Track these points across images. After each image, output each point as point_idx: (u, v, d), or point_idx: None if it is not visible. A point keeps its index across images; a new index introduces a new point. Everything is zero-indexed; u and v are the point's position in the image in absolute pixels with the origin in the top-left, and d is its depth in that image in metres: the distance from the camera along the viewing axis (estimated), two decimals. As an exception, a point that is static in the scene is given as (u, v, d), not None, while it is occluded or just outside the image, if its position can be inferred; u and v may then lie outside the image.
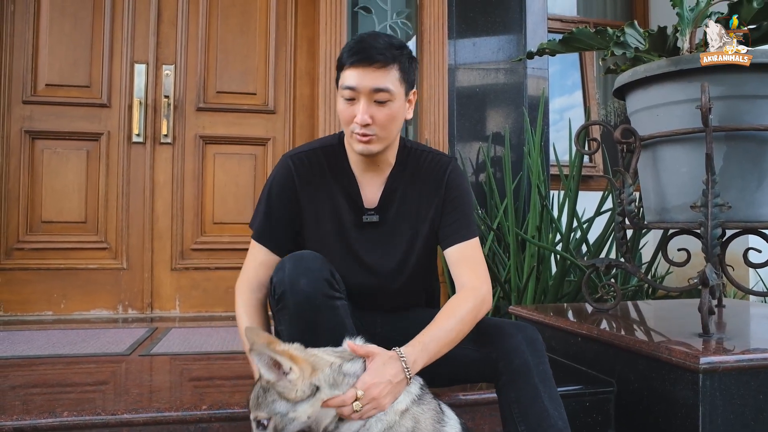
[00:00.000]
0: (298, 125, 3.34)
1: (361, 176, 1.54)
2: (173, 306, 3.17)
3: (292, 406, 1.13)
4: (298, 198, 1.52)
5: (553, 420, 1.28)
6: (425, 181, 1.55)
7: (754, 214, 1.86)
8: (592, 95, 4.70)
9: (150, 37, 3.17)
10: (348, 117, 1.43)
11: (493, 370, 1.34)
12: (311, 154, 1.55)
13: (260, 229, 1.53)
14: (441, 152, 1.64)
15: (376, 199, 1.54)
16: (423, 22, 3.36)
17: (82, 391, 1.67)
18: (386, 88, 1.41)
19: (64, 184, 3.07)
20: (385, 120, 1.42)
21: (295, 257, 1.38)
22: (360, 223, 1.53)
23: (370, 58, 1.38)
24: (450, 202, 1.54)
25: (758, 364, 1.51)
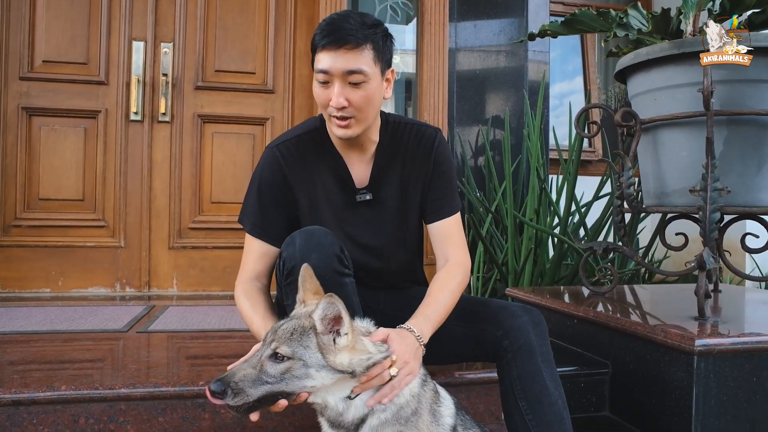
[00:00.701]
0: (297, 105, 3.32)
1: (348, 156, 1.53)
2: (171, 284, 3.18)
3: (319, 365, 1.08)
4: (290, 186, 1.51)
5: (554, 398, 1.30)
6: (413, 155, 1.55)
7: (753, 199, 1.86)
8: (593, 80, 4.69)
9: (148, 15, 3.13)
10: (324, 100, 1.42)
11: (497, 348, 1.36)
12: (296, 141, 1.53)
13: (255, 223, 1.52)
14: (425, 123, 1.63)
15: (366, 177, 1.54)
16: (424, 3, 3.32)
17: (80, 366, 1.68)
18: (359, 70, 1.37)
19: (61, 162, 3.06)
20: (360, 102, 1.40)
21: (306, 232, 1.36)
22: (353, 203, 1.53)
23: (341, 39, 1.35)
24: (438, 176, 1.54)
25: (752, 347, 1.52)
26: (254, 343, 1.95)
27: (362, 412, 1.16)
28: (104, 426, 1.44)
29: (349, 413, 1.15)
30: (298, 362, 1.07)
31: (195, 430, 1.49)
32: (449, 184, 1.56)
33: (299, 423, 1.56)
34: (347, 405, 1.15)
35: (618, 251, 2.20)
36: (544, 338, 1.36)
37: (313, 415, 1.26)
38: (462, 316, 1.43)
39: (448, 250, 1.51)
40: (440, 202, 1.53)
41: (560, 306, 2.10)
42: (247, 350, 1.85)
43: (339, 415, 1.16)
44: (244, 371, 1.08)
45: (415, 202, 1.56)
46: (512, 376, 1.32)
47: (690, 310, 1.81)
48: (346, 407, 1.15)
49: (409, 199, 1.55)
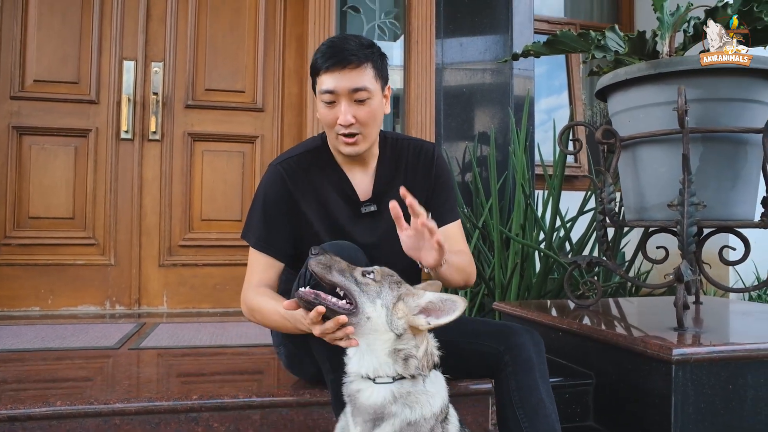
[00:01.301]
0: (287, 123, 3.38)
1: (350, 171, 1.60)
2: (161, 302, 3.19)
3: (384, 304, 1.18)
4: (295, 201, 1.56)
5: (548, 411, 1.37)
6: (414, 169, 1.63)
7: (728, 213, 1.92)
8: (578, 96, 4.78)
9: (139, 35, 3.19)
10: (331, 120, 1.49)
11: (498, 362, 1.42)
12: (299, 159, 1.59)
13: (260, 237, 1.56)
14: (421, 139, 1.72)
15: (369, 190, 1.61)
16: (411, 22, 3.40)
17: (73, 382, 1.70)
18: (364, 87, 1.47)
19: (52, 180, 3.08)
20: (366, 118, 1.49)
21: (336, 246, 1.40)
22: (358, 215, 1.59)
23: (344, 60, 1.44)
24: (440, 187, 1.64)
25: (728, 356, 1.58)
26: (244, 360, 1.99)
27: (381, 399, 1.18)
28: (98, 441, 1.46)
29: (372, 398, 1.19)
30: (376, 288, 1.19)
31: (188, 445, 1.52)
32: (450, 193, 1.67)
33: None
34: (373, 388, 1.19)
35: (602, 265, 2.25)
36: (542, 356, 1.43)
37: None
38: (466, 333, 1.48)
39: (454, 248, 1.57)
40: (442, 209, 1.62)
41: (546, 319, 2.15)
42: (239, 366, 1.89)
43: (366, 398, 1.19)
44: (340, 260, 1.20)
45: None
46: (511, 388, 1.39)
47: (671, 321, 1.86)
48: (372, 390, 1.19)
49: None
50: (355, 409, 1.22)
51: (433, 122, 3.38)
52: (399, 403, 1.18)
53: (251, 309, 1.52)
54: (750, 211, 1.97)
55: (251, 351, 2.16)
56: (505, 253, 3.02)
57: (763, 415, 1.60)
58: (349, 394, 1.23)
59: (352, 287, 1.18)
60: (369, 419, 1.19)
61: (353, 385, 1.22)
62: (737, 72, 1.85)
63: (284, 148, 3.34)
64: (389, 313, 1.18)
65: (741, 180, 1.92)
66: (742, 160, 1.91)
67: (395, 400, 1.18)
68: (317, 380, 1.62)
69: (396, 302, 1.19)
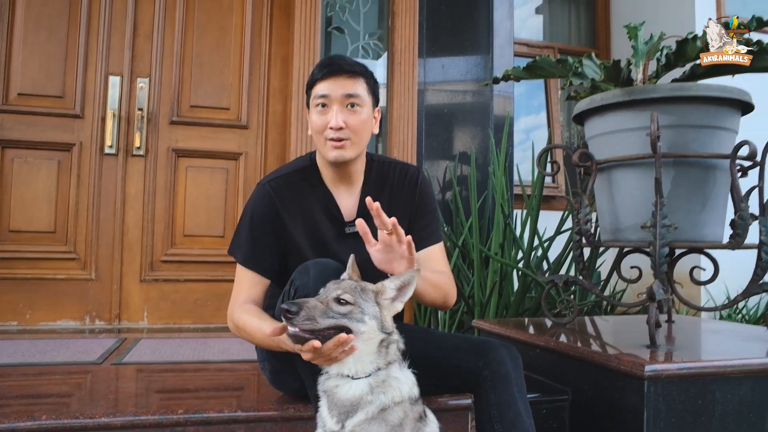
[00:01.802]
0: (270, 141, 3.42)
1: (336, 191, 1.65)
2: (141, 317, 3.19)
3: (372, 315, 1.28)
4: (282, 220, 1.60)
5: (526, 425, 1.41)
6: (399, 191, 1.69)
7: (698, 235, 2.00)
8: (555, 118, 4.89)
9: (125, 50, 3.21)
10: (321, 125, 1.55)
11: (477, 376, 1.47)
12: (287, 178, 1.64)
13: (247, 254, 1.60)
14: (406, 163, 1.78)
15: (353, 210, 1.66)
16: (394, 44, 3.48)
17: (57, 397, 1.70)
18: (357, 94, 1.55)
19: (33, 194, 3.08)
20: (357, 124, 1.55)
21: (320, 264, 1.45)
22: (342, 235, 1.64)
23: (340, 68, 1.54)
24: (423, 209, 1.70)
25: (697, 372, 1.64)
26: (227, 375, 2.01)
27: (359, 392, 1.26)
28: (83, 455, 1.47)
29: (350, 392, 1.27)
30: (357, 309, 1.27)
31: (172, 459, 1.53)
32: (433, 216, 1.72)
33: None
34: (351, 384, 1.28)
35: (578, 284, 2.32)
36: (519, 371, 1.48)
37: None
38: (445, 348, 1.53)
39: (436, 269, 1.64)
40: (426, 232, 1.67)
41: (524, 336, 2.20)
42: (223, 382, 1.91)
43: (345, 392, 1.27)
44: (313, 303, 1.23)
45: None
46: (490, 403, 1.43)
47: (644, 339, 1.92)
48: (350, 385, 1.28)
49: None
50: (331, 404, 1.28)
51: (414, 142, 3.45)
52: (375, 392, 1.27)
53: (237, 326, 1.55)
54: (719, 233, 2.06)
55: (234, 367, 2.18)
56: (484, 272, 3.08)
57: (729, 429, 1.67)
58: (326, 390, 1.30)
59: (342, 322, 1.24)
60: (344, 411, 1.26)
61: (330, 382, 1.30)
62: (706, 100, 1.94)
63: (268, 166, 3.38)
64: (378, 320, 1.29)
65: (710, 203, 2.01)
66: (711, 184, 2.00)
67: (371, 391, 1.27)
68: (301, 395, 1.64)
69: (377, 308, 1.30)
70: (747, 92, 2.00)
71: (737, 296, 2.01)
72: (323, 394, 1.32)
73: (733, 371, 1.68)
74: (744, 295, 1.99)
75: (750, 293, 1.98)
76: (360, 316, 1.26)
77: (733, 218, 1.96)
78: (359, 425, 1.25)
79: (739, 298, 2.01)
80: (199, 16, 3.33)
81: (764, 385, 1.72)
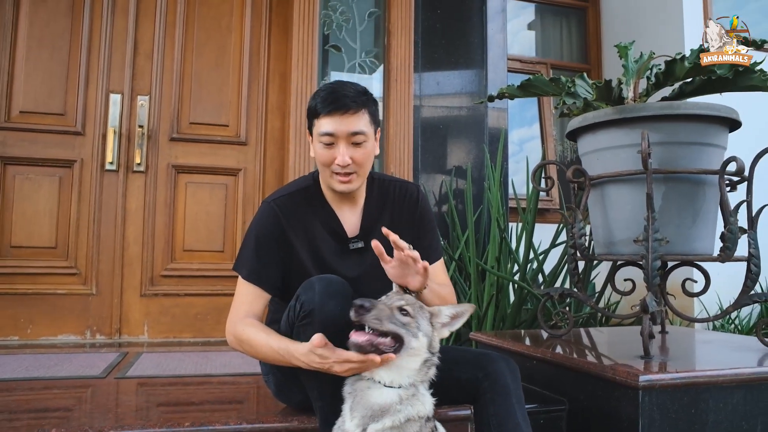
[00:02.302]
0: (269, 157, 3.47)
1: (339, 210, 1.70)
2: (142, 332, 3.21)
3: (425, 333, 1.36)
4: (287, 238, 1.65)
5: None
6: (400, 209, 1.74)
7: (689, 248, 2.06)
8: (549, 132, 4.96)
9: (126, 69, 3.27)
10: (327, 160, 1.60)
11: (477, 388, 1.51)
12: (292, 197, 1.69)
13: (252, 269, 1.63)
14: (405, 180, 1.85)
15: (356, 227, 1.71)
16: (390, 61, 3.55)
17: (64, 411, 1.73)
18: (361, 131, 1.60)
19: (35, 210, 3.11)
20: (362, 159, 1.61)
21: (325, 280, 1.49)
22: (346, 251, 1.69)
23: (345, 106, 1.57)
24: (423, 227, 1.76)
25: (690, 381, 1.69)
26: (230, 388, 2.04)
27: (390, 401, 1.33)
28: (92, 468, 1.50)
29: (381, 398, 1.34)
30: (415, 323, 1.36)
31: (179, 471, 1.56)
32: (434, 234, 1.78)
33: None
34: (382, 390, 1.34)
35: (573, 296, 2.37)
36: (518, 382, 1.53)
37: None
38: (446, 360, 1.56)
39: (436, 281, 1.68)
40: (428, 250, 1.71)
41: (520, 348, 2.25)
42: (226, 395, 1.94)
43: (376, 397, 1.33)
44: (381, 306, 1.32)
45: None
46: (489, 413, 1.47)
47: (638, 350, 1.97)
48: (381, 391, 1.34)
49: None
50: (356, 405, 1.33)
51: (411, 156, 3.51)
52: (404, 403, 1.33)
53: (240, 340, 1.58)
54: (709, 246, 2.12)
55: (236, 380, 2.21)
56: (481, 285, 3.12)
57: (722, 437, 1.72)
58: (355, 390, 1.35)
59: (401, 331, 1.32)
60: (369, 414, 1.31)
61: (362, 383, 1.35)
62: (695, 118, 2.01)
63: (267, 181, 3.43)
64: (429, 339, 1.37)
65: (700, 217, 2.06)
66: (701, 198, 2.06)
67: (401, 401, 1.33)
68: (304, 407, 1.68)
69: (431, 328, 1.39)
70: (734, 110, 2.06)
71: (728, 307, 2.07)
72: (349, 395, 1.37)
73: (725, 380, 1.73)
74: (735, 306, 2.05)
75: (741, 304, 2.03)
76: (415, 331, 1.34)
77: (723, 232, 2.02)
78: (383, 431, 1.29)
79: (730, 309, 2.06)
80: (198, 35, 3.39)
81: (756, 393, 1.78)
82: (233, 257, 3.33)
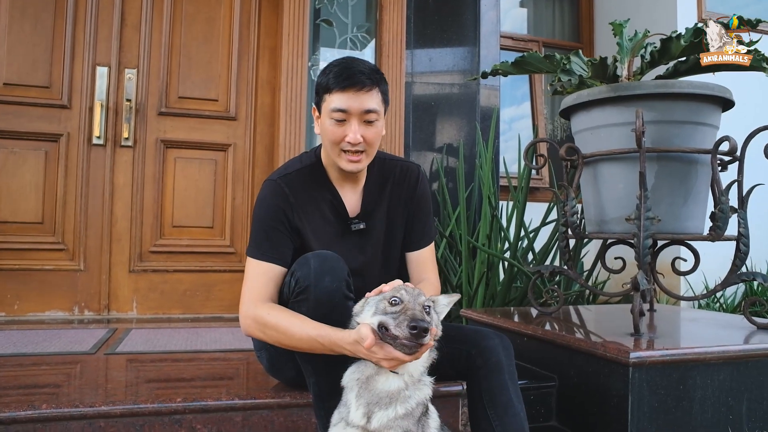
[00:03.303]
0: (259, 132, 3.43)
1: (341, 188, 1.68)
2: (131, 308, 3.20)
3: (436, 325, 1.37)
4: (294, 215, 1.62)
5: (517, 410, 1.47)
6: (399, 189, 1.72)
7: (680, 227, 2.07)
8: (540, 111, 4.95)
9: (113, 41, 3.20)
10: (338, 137, 1.56)
11: (470, 364, 1.51)
12: (297, 175, 1.66)
13: (266, 248, 1.58)
14: (408, 161, 1.81)
15: (357, 207, 1.69)
16: (382, 37, 3.50)
17: (54, 386, 1.72)
18: (374, 109, 1.55)
19: (20, 185, 3.06)
20: (372, 137, 1.57)
21: (320, 256, 1.47)
22: (347, 231, 1.67)
23: (360, 82, 1.52)
24: (420, 209, 1.74)
25: (679, 358, 1.71)
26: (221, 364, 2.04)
27: (397, 387, 1.32)
28: (83, 443, 1.49)
29: (387, 384, 1.32)
30: (431, 318, 1.34)
31: (171, 446, 1.56)
32: (429, 216, 1.76)
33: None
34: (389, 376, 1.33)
35: (563, 274, 2.38)
36: (511, 359, 1.53)
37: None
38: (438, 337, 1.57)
39: (423, 275, 1.71)
40: (421, 234, 1.72)
41: (511, 325, 2.26)
42: (217, 371, 1.94)
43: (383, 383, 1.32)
44: (415, 311, 1.29)
45: (398, 230, 1.72)
46: (482, 389, 1.48)
47: (627, 327, 1.99)
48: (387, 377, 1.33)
49: (394, 227, 1.71)
50: (363, 391, 1.31)
51: (402, 133, 3.48)
52: (410, 389, 1.32)
53: (263, 324, 1.49)
54: (700, 225, 2.13)
55: (227, 356, 2.21)
56: (471, 263, 3.13)
57: (709, 413, 1.74)
58: (360, 378, 1.33)
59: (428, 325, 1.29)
60: (376, 401, 1.30)
61: (370, 370, 1.33)
62: (689, 97, 2.01)
63: (256, 157, 3.40)
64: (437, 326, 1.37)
65: (692, 196, 2.07)
66: (693, 178, 2.07)
67: (407, 387, 1.32)
68: (297, 383, 1.68)
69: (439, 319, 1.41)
70: (728, 89, 2.06)
71: (717, 286, 2.09)
72: (356, 382, 1.33)
73: (712, 358, 1.76)
74: (723, 284, 2.07)
75: (729, 283, 2.05)
76: (426, 324, 1.32)
77: (714, 211, 2.03)
78: (394, 420, 1.28)
79: (719, 287, 2.08)
80: (187, 8, 3.32)
81: (742, 370, 1.80)
82: (222, 233, 3.34)
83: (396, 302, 1.29)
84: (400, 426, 1.29)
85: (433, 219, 1.80)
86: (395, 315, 1.27)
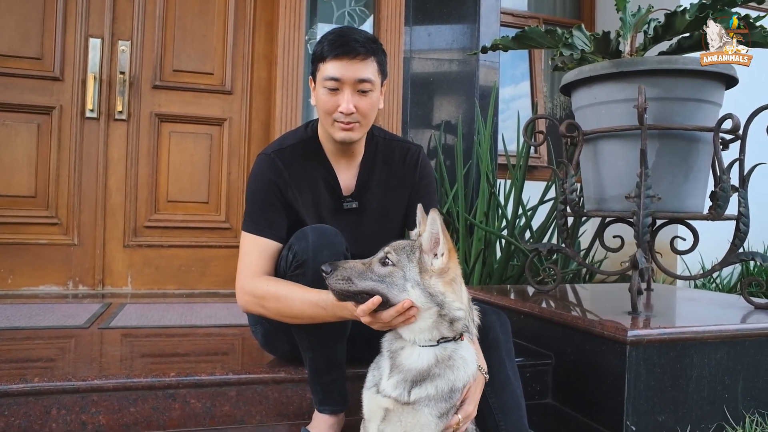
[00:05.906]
0: (255, 107, 3.38)
1: (336, 164, 1.65)
2: (125, 283, 3.18)
3: (415, 281, 1.18)
4: (289, 190, 1.59)
5: (514, 387, 1.47)
6: (399, 169, 1.68)
7: (680, 206, 2.05)
8: (539, 88, 4.90)
9: (106, 12, 3.13)
10: (331, 107, 1.52)
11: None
12: (291, 149, 1.62)
13: (261, 223, 1.55)
14: (409, 141, 1.78)
15: (351, 185, 1.66)
16: (381, 11, 3.44)
17: (47, 360, 1.71)
18: (369, 79, 1.51)
19: (12, 158, 3.02)
20: (367, 108, 1.53)
21: (318, 230, 1.45)
22: (340, 209, 1.64)
23: (354, 50, 1.48)
24: (423, 188, 1.70)
25: (676, 337, 1.70)
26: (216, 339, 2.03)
27: (425, 362, 1.21)
28: (76, 416, 1.48)
29: (412, 358, 1.22)
30: (399, 272, 1.19)
31: (165, 420, 1.55)
32: (433, 196, 1.73)
33: (266, 411, 1.64)
34: (414, 349, 1.22)
35: (561, 252, 2.36)
36: (508, 336, 1.52)
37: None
38: None
39: None
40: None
41: (507, 303, 2.25)
42: (212, 346, 1.93)
43: (407, 357, 1.22)
44: (353, 264, 1.19)
45: (396, 211, 1.68)
46: None
47: (625, 305, 1.98)
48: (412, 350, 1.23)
49: (390, 209, 1.68)
50: (394, 366, 1.24)
51: (400, 110, 3.44)
52: (441, 365, 1.21)
53: (261, 297, 1.48)
54: (700, 204, 2.11)
55: (222, 331, 2.20)
56: (469, 240, 3.12)
57: (705, 391, 1.74)
58: (390, 349, 1.26)
59: (378, 286, 1.18)
60: (407, 378, 1.21)
61: (397, 343, 1.24)
62: (693, 74, 1.97)
63: (252, 132, 3.36)
64: (422, 287, 1.18)
65: (693, 175, 2.05)
66: (694, 156, 2.04)
67: (437, 363, 1.21)
68: (292, 358, 1.67)
69: (420, 272, 1.19)
70: (732, 66, 2.03)
71: (715, 265, 2.08)
72: (388, 353, 1.26)
73: (710, 336, 1.75)
74: (722, 264, 2.05)
75: (728, 262, 2.04)
76: (401, 283, 1.18)
77: (714, 190, 2.01)
78: (427, 400, 1.19)
79: (718, 266, 2.07)
80: (182, -22, 3.25)
81: (738, 349, 1.80)
82: (218, 209, 3.31)
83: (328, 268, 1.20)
84: (427, 405, 1.19)
85: (437, 201, 1.76)
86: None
